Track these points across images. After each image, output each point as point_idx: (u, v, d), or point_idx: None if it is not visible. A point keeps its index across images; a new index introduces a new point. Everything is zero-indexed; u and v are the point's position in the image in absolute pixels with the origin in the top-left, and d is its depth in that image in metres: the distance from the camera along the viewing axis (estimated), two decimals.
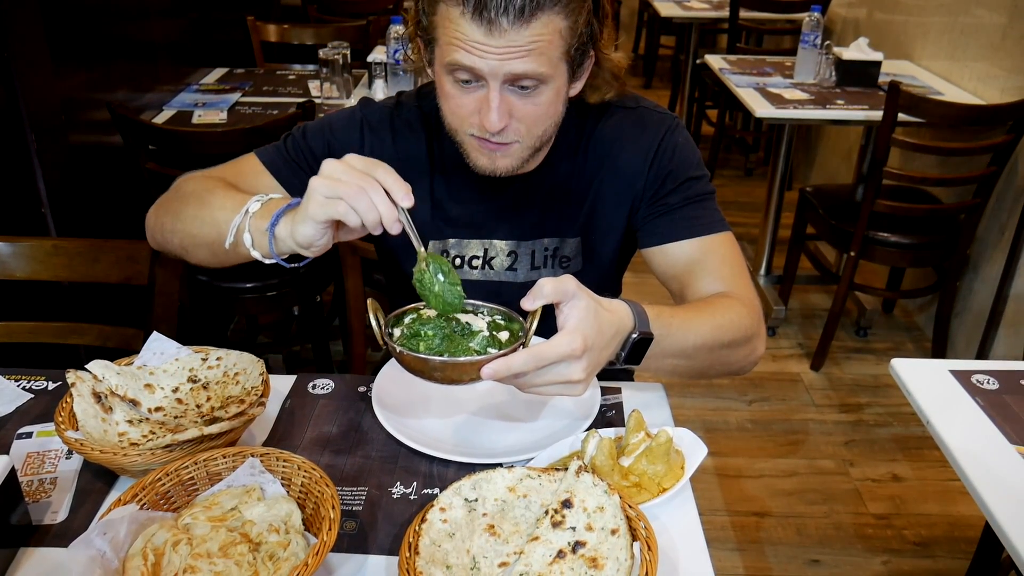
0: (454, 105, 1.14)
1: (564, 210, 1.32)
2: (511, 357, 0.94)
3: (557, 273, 1.32)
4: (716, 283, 1.24)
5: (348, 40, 3.16)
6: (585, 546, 0.91)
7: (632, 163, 1.28)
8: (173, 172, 2.28)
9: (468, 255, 1.34)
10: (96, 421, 1.10)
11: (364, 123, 1.32)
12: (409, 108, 1.33)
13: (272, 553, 0.94)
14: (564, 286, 0.96)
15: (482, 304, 1.09)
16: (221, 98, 2.95)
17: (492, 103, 1.09)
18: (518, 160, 1.19)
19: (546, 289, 0.95)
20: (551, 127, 1.18)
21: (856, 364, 3.18)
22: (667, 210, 1.28)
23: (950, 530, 2.37)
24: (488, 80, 1.08)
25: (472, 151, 1.19)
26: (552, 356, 0.94)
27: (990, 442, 1.21)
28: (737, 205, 4.48)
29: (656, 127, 1.30)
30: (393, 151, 1.31)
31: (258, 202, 1.10)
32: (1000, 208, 2.92)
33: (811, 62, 3.31)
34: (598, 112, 1.29)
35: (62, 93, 2.18)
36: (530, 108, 1.12)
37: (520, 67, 1.06)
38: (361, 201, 0.96)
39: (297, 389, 1.30)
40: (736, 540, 2.33)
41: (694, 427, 1.13)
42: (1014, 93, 2.86)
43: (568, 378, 0.96)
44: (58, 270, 1.59)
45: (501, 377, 0.95)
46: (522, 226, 1.32)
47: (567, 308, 0.96)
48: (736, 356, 1.19)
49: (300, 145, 1.31)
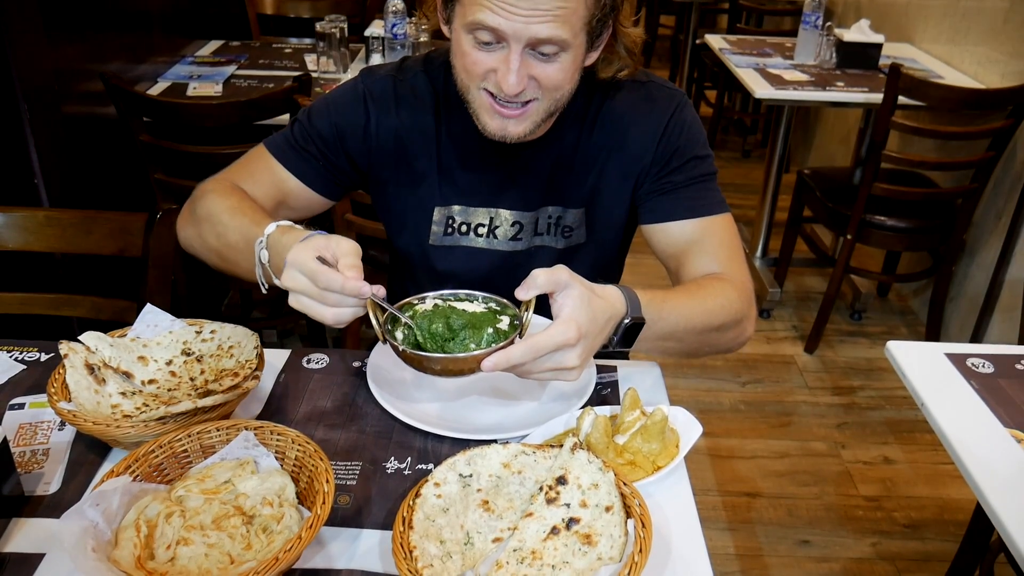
0: (469, 62, 1.12)
1: (569, 180, 1.32)
2: (510, 350, 0.96)
3: (559, 241, 1.33)
4: (712, 264, 1.25)
5: (345, 13, 3.13)
6: (579, 523, 0.91)
7: (641, 138, 1.28)
8: (167, 144, 2.30)
9: (474, 223, 1.34)
10: (89, 393, 1.09)
11: (367, 97, 1.30)
12: (415, 74, 1.32)
13: (265, 526, 0.93)
14: (557, 276, 0.98)
15: (476, 293, 1.11)
16: (217, 70, 2.92)
17: (512, 65, 1.08)
18: (531, 126, 1.17)
19: (540, 280, 0.97)
20: (566, 94, 1.17)
21: (850, 347, 3.19)
22: (671, 188, 1.29)
23: (940, 513, 2.39)
24: (510, 42, 1.07)
25: (482, 111, 1.17)
26: (549, 346, 0.96)
27: (984, 425, 1.22)
28: (734, 187, 4.47)
29: (666, 103, 1.29)
30: (398, 122, 1.30)
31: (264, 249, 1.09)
32: (997, 193, 2.92)
33: (812, 43, 3.29)
34: (607, 84, 1.29)
35: (55, 63, 2.15)
36: (549, 72, 1.11)
37: (544, 32, 1.06)
38: (341, 320, 1.00)
39: (292, 363, 1.29)
40: (727, 520, 2.35)
41: (688, 407, 1.13)
42: (1014, 78, 2.85)
43: (563, 365, 0.98)
44: (51, 241, 1.58)
45: (501, 369, 0.97)
46: (527, 195, 1.32)
47: (561, 297, 0.98)
48: (725, 338, 1.21)
49: (307, 131, 1.30)
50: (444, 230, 1.34)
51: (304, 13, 3.72)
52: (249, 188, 1.28)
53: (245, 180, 1.29)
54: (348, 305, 0.99)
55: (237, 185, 1.28)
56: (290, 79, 2.30)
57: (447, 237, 1.34)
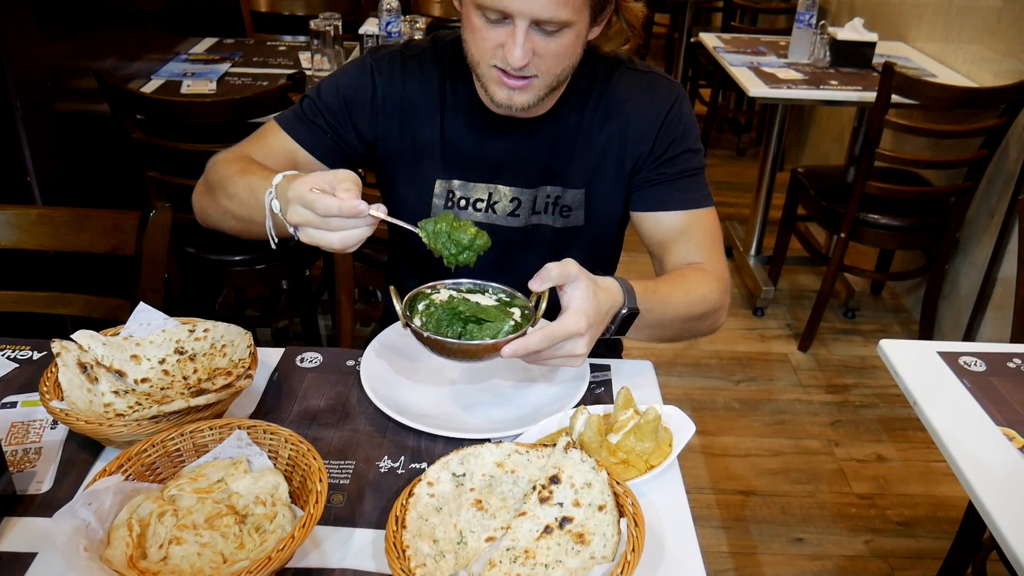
0: (479, 38, 1.18)
1: (568, 160, 1.35)
2: (528, 338, 1.03)
3: (557, 220, 1.38)
4: (695, 254, 1.34)
5: (339, 11, 3.12)
6: (572, 522, 0.92)
7: (640, 126, 1.33)
8: (161, 142, 2.29)
9: (473, 198, 1.37)
10: (81, 391, 1.09)
11: (374, 70, 1.35)
12: (421, 50, 1.36)
13: (258, 525, 0.93)
14: (567, 269, 1.05)
15: (487, 284, 1.17)
16: (210, 68, 2.91)
17: (517, 40, 1.13)
18: (535, 97, 1.22)
19: (553, 273, 1.05)
20: (569, 67, 1.23)
21: (843, 345, 3.19)
22: (665, 179, 1.35)
23: (932, 510, 2.40)
24: (515, 19, 1.13)
25: (491, 83, 1.22)
26: (562, 335, 1.04)
27: (976, 423, 1.22)
28: (729, 185, 4.47)
29: (667, 93, 1.35)
30: (403, 93, 1.34)
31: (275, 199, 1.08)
32: (990, 192, 2.93)
33: (806, 42, 3.29)
34: (610, 69, 1.34)
35: (48, 60, 2.14)
36: (552, 47, 1.17)
37: (548, 12, 1.11)
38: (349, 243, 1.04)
39: (285, 362, 1.29)
40: (721, 518, 2.35)
41: (681, 406, 1.14)
42: (1008, 76, 2.86)
43: (573, 352, 1.06)
44: (43, 239, 1.57)
45: (519, 355, 1.04)
46: (527, 173, 1.35)
47: (570, 289, 1.06)
48: (702, 326, 1.31)
49: (316, 105, 1.35)
50: (444, 203, 1.37)
51: (298, 11, 3.71)
52: (260, 160, 1.30)
53: (255, 152, 1.33)
54: (352, 227, 1.01)
55: (247, 155, 1.31)
56: (284, 77, 2.30)
57: (447, 211, 1.37)
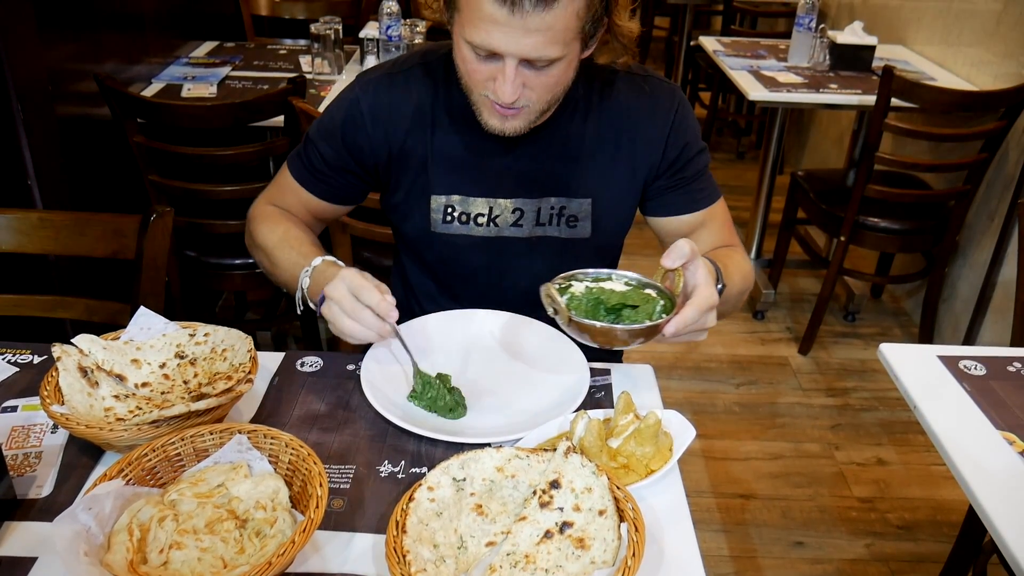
0: (470, 70, 1.19)
1: (571, 170, 1.35)
2: (684, 313, 1.07)
3: (563, 231, 1.38)
4: (717, 240, 1.40)
5: (340, 15, 3.12)
6: (572, 526, 0.92)
7: (648, 134, 1.34)
8: (161, 146, 2.29)
9: (473, 213, 1.37)
10: (82, 396, 1.09)
11: (364, 111, 1.33)
12: (411, 65, 1.35)
13: (259, 530, 0.93)
14: (694, 246, 1.10)
15: (609, 271, 1.19)
16: (211, 72, 2.91)
17: (507, 77, 1.14)
18: (527, 122, 1.24)
19: (686, 249, 1.09)
20: (561, 91, 1.24)
21: (843, 348, 3.19)
22: (682, 184, 1.38)
23: (933, 514, 2.39)
24: (505, 58, 1.13)
25: (484, 109, 1.24)
26: (707, 306, 1.09)
27: (976, 427, 1.22)
28: (728, 188, 4.45)
29: (668, 98, 1.35)
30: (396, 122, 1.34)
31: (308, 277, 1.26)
32: (990, 195, 2.93)
33: (805, 45, 3.29)
34: (608, 77, 1.34)
35: (49, 64, 2.14)
36: (543, 79, 1.17)
37: (536, 53, 1.12)
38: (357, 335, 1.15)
39: (285, 366, 1.29)
40: (722, 522, 2.35)
41: (682, 409, 1.14)
42: (1007, 79, 2.86)
43: (707, 325, 1.11)
44: (44, 243, 1.57)
45: (682, 332, 1.08)
46: (527, 184, 1.35)
47: (692, 267, 1.10)
48: (743, 300, 1.38)
49: (317, 154, 1.38)
50: (443, 218, 1.37)
51: (299, 14, 3.71)
52: (285, 208, 1.44)
53: (280, 201, 1.44)
54: (369, 328, 1.13)
55: (279, 209, 1.43)
56: (285, 81, 2.30)
57: (447, 225, 1.37)
